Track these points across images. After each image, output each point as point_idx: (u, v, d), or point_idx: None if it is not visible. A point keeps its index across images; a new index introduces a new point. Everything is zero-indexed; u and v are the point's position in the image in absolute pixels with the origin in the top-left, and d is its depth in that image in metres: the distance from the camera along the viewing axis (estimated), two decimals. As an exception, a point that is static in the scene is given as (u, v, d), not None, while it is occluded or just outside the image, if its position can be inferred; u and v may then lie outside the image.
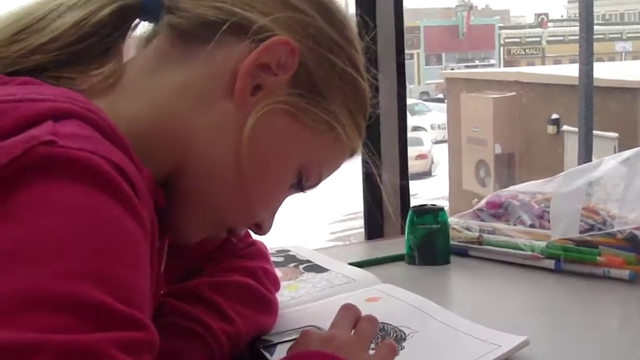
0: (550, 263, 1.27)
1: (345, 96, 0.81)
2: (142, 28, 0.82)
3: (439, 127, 26.54)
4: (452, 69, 37.74)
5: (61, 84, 0.72)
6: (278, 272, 1.09)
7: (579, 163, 9.86)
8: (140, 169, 0.65)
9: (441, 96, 35.78)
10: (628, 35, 25.75)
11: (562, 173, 1.38)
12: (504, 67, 23.62)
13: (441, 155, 16.12)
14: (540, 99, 12.12)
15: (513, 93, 12.42)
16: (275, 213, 0.86)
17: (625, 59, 23.88)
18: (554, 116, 12.24)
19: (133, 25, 0.80)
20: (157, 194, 0.73)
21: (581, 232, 1.26)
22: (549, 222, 1.32)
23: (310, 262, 1.33)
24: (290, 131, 0.78)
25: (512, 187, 1.47)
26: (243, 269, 0.99)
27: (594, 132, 9.60)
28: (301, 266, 1.31)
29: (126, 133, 0.67)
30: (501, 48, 27.57)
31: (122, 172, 0.59)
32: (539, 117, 12.04)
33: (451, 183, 13.34)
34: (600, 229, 1.25)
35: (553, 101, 11.99)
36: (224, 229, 0.84)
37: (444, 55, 41.94)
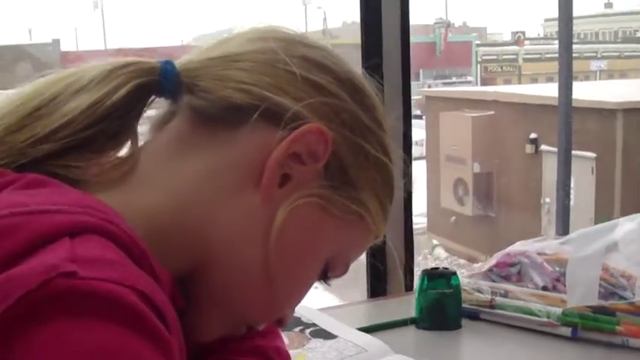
0: (566, 331, 1.23)
1: (374, 182, 0.75)
2: (157, 105, 0.76)
3: (416, 143, 26.66)
4: (429, 86, 37.96)
5: (70, 174, 0.66)
6: (285, 338, 1.03)
7: (558, 183, 9.92)
8: (159, 273, 0.60)
9: (418, 112, 35.95)
10: (603, 54, 26.01)
11: (575, 233, 1.34)
12: (481, 84, 23.73)
13: (418, 172, 16.14)
14: (519, 118, 12.17)
15: (492, 112, 12.47)
16: (297, 306, 0.81)
17: (600, 78, 24.10)
18: (533, 135, 12.30)
19: (148, 102, 0.74)
20: (176, 295, 0.67)
21: (598, 297, 1.22)
22: (564, 285, 1.28)
23: (316, 325, 1.28)
24: (319, 224, 0.72)
25: (521, 244, 1.42)
26: (255, 351, 0.94)
27: (572, 152, 9.65)
28: (307, 331, 1.25)
29: (143, 231, 0.61)
30: (478, 65, 27.72)
31: (151, 303, 0.53)
32: (517, 136, 12.09)
33: (429, 201, 13.35)
34: (619, 295, 1.21)
35: (532, 120, 12.04)
36: (244, 326, 0.79)
37: (421, 71, 42.11)
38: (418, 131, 26.46)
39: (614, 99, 10.79)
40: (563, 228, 9.40)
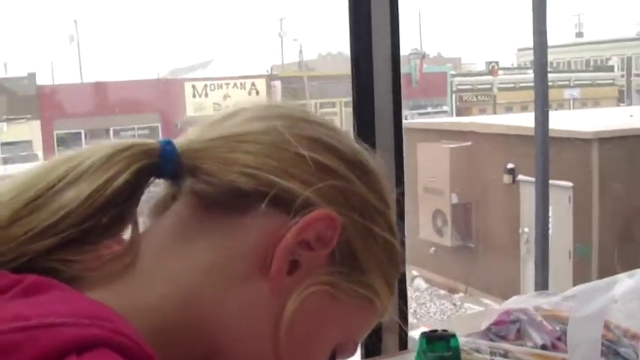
0: (570, 392, 1.20)
1: (381, 263, 0.73)
2: (155, 186, 0.73)
3: (394, 173, 26.63)
4: (406, 116, 38.11)
5: (70, 269, 0.63)
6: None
7: (537, 213, 9.93)
8: None
9: (395, 142, 36.07)
10: (575, 82, 26.33)
11: (574, 289, 1.32)
12: (457, 113, 23.90)
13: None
14: (496, 149, 12.24)
15: (469, 143, 12.53)
16: None
17: (573, 106, 24.38)
18: (510, 166, 12.37)
19: (147, 184, 0.71)
20: None
21: (601, 356, 1.20)
22: (564, 344, 1.26)
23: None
24: (329, 312, 0.70)
25: (517, 299, 1.40)
26: None
27: (550, 181, 9.70)
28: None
29: (148, 328, 0.58)
30: (453, 95, 27.95)
31: None
32: (495, 166, 12.14)
33: (408, 232, 13.29)
34: (622, 356, 1.19)
35: (509, 151, 12.12)
36: None
37: (396, 101, 42.23)
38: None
39: (590, 128, 10.89)
40: (542, 257, 9.42)
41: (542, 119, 9.45)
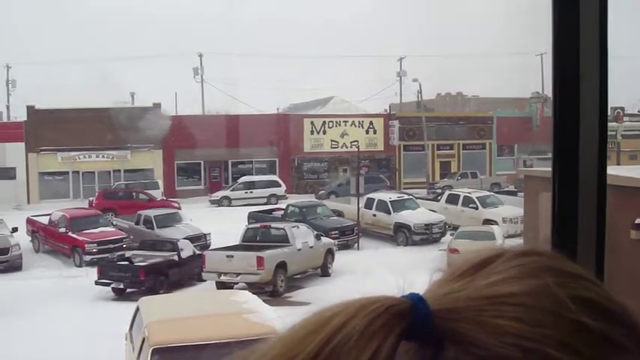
0: None
1: None
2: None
3: (511, 220, 26.12)
4: (524, 161, 37.40)
5: None
6: None
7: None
8: None
9: (512, 188, 35.41)
10: None
11: None
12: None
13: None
14: (624, 202, 11.75)
15: (595, 194, 12.08)
16: None
17: None
18: (639, 221, 11.83)
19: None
20: None
21: None
22: None
23: None
24: None
25: None
26: None
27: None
28: None
29: None
30: (576, 141, 27.17)
31: None
32: (622, 221, 11.65)
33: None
34: None
35: (637, 204, 11.62)
36: None
37: (516, 146, 41.54)
38: (511, 209, 25.94)
39: None
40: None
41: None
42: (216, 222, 28.16)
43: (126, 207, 29.90)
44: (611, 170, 15.05)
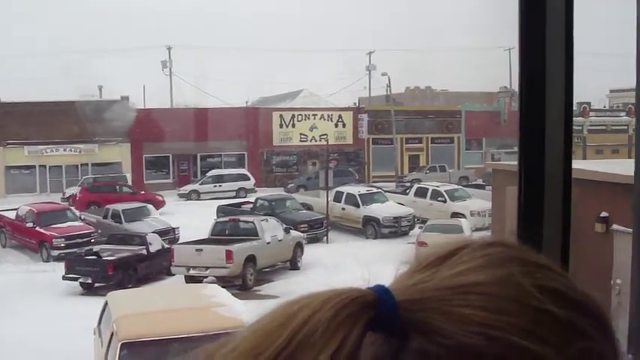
0: None
1: None
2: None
3: (479, 213, 26.33)
4: (492, 155, 37.69)
5: None
6: None
7: (632, 265, 9.63)
8: None
9: (480, 181, 35.74)
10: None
11: None
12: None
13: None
14: (588, 196, 11.89)
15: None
16: None
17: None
18: (603, 214, 12.00)
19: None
20: None
21: None
22: None
23: None
24: None
25: None
26: None
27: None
28: None
29: None
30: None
31: None
32: (587, 214, 11.79)
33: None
34: None
35: (602, 198, 11.76)
36: None
37: (484, 140, 41.82)
38: (479, 202, 26.11)
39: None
40: (638, 310, 9.05)
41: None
42: (185, 216, 28.07)
43: (110, 200, 29.38)
44: (577, 164, 15.22)
